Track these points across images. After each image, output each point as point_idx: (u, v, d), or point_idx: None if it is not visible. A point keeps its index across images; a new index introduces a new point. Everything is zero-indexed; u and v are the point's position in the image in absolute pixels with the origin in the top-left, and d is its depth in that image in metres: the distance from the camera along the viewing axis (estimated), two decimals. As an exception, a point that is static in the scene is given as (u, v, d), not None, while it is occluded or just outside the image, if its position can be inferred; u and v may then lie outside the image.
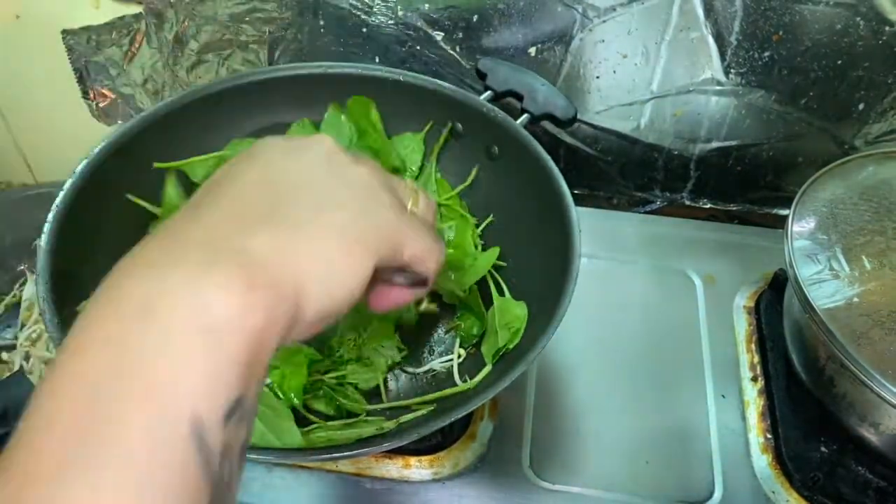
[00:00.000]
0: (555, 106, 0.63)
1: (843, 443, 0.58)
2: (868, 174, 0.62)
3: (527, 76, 0.64)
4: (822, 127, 0.71)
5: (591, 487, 0.57)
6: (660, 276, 0.72)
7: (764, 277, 0.71)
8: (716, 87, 0.69)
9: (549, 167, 0.56)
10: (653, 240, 0.75)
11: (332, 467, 0.57)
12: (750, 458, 0.59)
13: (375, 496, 0.56)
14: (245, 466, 0.28)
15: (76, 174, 0.54)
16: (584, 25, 0.67)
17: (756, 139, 0.73)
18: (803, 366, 0.60)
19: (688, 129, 0.73)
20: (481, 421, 0.59)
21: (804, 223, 0.58)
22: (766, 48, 0.66)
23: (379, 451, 0.53)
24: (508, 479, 0.57)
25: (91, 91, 0.80)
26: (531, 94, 0.63)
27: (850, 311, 0.52)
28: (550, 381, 0.63)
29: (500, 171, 0.62)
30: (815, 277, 0.54)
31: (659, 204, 0.80)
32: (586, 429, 0.60)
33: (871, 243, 0.56)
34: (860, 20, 0.63)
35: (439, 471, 0.56)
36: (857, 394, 0.54)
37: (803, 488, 0.57)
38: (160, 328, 0.25)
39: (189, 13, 0.72)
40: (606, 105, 0.73)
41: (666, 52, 0.68)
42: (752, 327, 0.67)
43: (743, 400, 0.62)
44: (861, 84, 0.67)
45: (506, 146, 0.61)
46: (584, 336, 0.66)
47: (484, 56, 0.68)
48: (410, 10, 0.68)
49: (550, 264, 0.53)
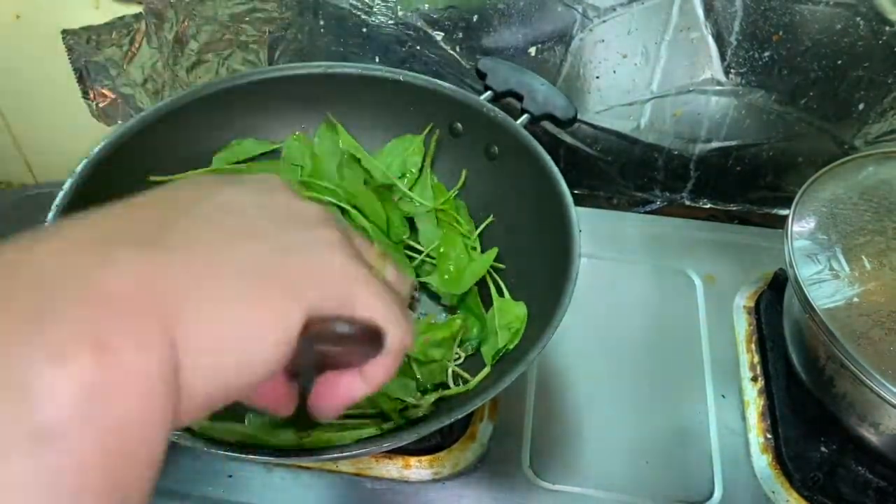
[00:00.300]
0: (555, 106, 0.63)
1: (843, 443, 0.58)
2: (868, 174, 0.62)
3: (527, 76, 0.64)
4: (822, 127, 0.71)
5: (591, 487, 0.57)
6: (660, 276, 0.71)
7: (764, 277, 0.71)
8: (716, 87, 0.69)
9: (549, 167, 0.56)
10: (653, 240, 0.75)
11: (332, 467, 0.57)
12: (750, 458, 0.59)
13: (375, 496, 0.56)
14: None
15: (76, 174, 0.54)
16: (584, 25, 0.67)
17: (756, 139, 0.73)
18: (803, 366, 0.60)
19: (688, 129, 0.73)
20: (481, 421, 0.59)
21: (804, 223, 0.58)
22: (766, 48, 0.66)
23: (379, 451, 0.53)
24: (508, 479, 0.57)
25: (91, 91, 0.80)
26: (531, 94, 0.63)
27: (850, 311, 0.52)
28: (550, 381, 0.63)
29: (500, 172, 0.62)
30: (815, 277, 0.54)
31: (659, 204, 0.80)
32: (586, 429, 0.60)
33: (871, 243, 0.56)
34: (860, 20, 0.63)
35: (439, 471, 0.56)
36: (857, 394, 0.54)
37: (803, 488, 0.56)
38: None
39: (189, 13, 0.72)
40: (606, 105, 0.73)
41: (666, 52, 0.68)
42: (752, 327, 0.67)
43: (743, 400, 0.62)
44: (861, 84, 0.67)
45: (505, 146, 0.61)
46: (584, 336, 0.66)
47: (484, 56, 0.68)
48: (410, 10, 0.68)
49: (550, 264, 0.53)
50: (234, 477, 0.56)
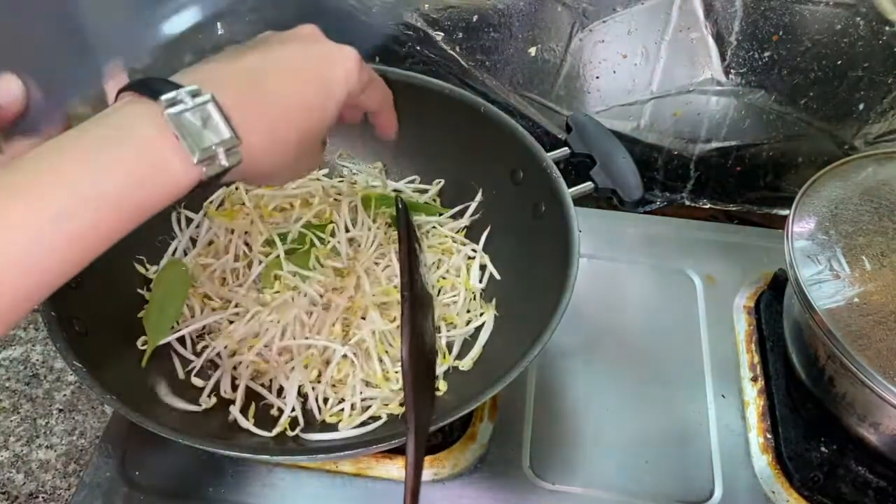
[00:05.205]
0: (623, 184, 0.58)
1: (843, 443, 0.58)
2: (868, 174, 0.62)
3: (610, 143, 0.60)
4: (821, 127, 0.71)
5: (591, 487, 0.57)
6: (660, 276, 0.71)
7: (764, 277, 0.71)
8: (716, 87, 0.69)
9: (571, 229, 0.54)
10: (653, 240, 0.75)
11: (332, 467, 0.57)
12: (750, 458, 0.59)
13: (375, 496, 0.56)
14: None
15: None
16: (584, 25, 0.67)
17: (756, 139, 0.73)
18: (803, 366, 0.60)
19: (688, 130, 0.73)
20: (481, 422, 0.59)
21: (804, 223, 0.58)
22: (766, 48, 0.66)
23: (379, 450, 0.53)
24: (508, 479, 0.57)
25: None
26: (606, 163, 0.59)
27: (851, 312, 0.52)
28: (550, 382, 0.63)
29: (541, 228, 0.59)
30: (816, 278, 0.54)
31: (659, 204, 0.80)
32: (586, 429, 0.60)
33: (871, 244, 0.56)
34: (860, 20, 0.63)
35: (439, 471, 0.56)
36: (857, 394, 0.54)
37: (803, 488, 0.57)
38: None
39: (189, 13, 0.72)
40: (606, 105, 0.73)
41: (666, 53, 0.68)
42: (752, 327, 0.67)
43: (743, 400, 0.62)
44: (861, 84, 0.67)
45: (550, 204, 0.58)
46: (584, 336, 0.66)
47: (573, 112, 0.64)
48: (410, 10, 0.68)
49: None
50: (234, 477, 0.56)
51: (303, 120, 0.38)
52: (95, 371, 0.46)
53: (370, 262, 0.60)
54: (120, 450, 0.57)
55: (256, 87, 0.36)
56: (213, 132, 0.33)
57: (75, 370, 0.46)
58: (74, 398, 0.63)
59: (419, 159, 0.67)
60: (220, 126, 0.33)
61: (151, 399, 0.52)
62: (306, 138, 0.38)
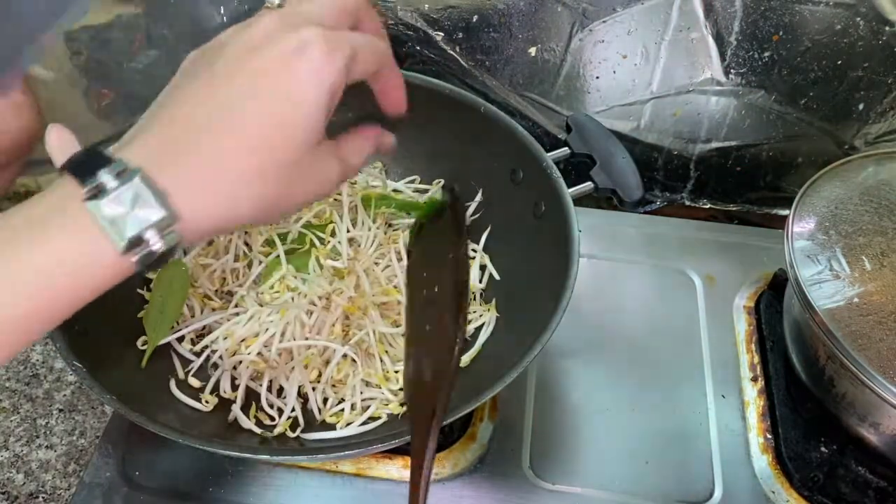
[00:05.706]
0: (623, 184, 0.58)
1: (843, 443, 0.58)
2: (868, 174, 0.62)
3: (610, 143, 0.60)
4: (821, 127, 0.71)
5: (591, 487, 0.57)
6: (660, 276, 0.72)
7: (764, 277, 0.71)
8: (716, 87, 0.69)
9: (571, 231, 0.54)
10: (653, 240, 0.75)
11: (332, 467, 0.57)
12: (750, 458, 0.59)
13: (375, 496, 0.56)
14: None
15: (76, 174, 0.53)
16: (584, 25, 0.67)
17: (756, 139, 0.73)
18: (803, 366, 0.60)
19: (687, 130, 0.73)
20: (481, 421, 0.59)
21: (804, 224, 0.58)
22: (766, 48, 0.66)
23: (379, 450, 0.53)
24: (508, 479, 0.57)
25: (91, 91, 0.80)
26: (606, 164, 0.59)
27: (851, 312, 0.52)
28: (550, 382, 0.63)
29: (541, 228, 0.59)
30: (816, 278, 0.54)
31: (659, 204, 0.80)
32: (586, 429, 0.60)
33: (871, 244, 0.56)
34: (860, 20, 0.63)
35: (439, 471, 0.56)
36: (857, 394, 0.54)
37: (803, 488, 0.57)
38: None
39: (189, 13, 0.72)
40: (606, 105, 0.73)
41: (666, 53, 0.68)
42: (752, 327, 0.67)
43: (743, 400, 0.62)
44: (861, 84, 0.67)
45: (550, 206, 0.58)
46: (584, 336, 0.66)
47: (572, 112, 0.65)
48: (410, 10, 0.68)
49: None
50: (234, 477, 0.56)
51: (266, 149, 0.33)
52: (95, 371, 0.46)
53: (370, 262, 0.60)
54: (120, 450, 0.57)
55: (198, 131, 0.32)
56: (145, 211, 0.30)
57: (75, 370, 0.46)
58: (74, 398, 0.63)
59: (419, 159, 0.67)
60: (150, 203, 0.30)
61: (151, 399, 0.52)
62: (282, 163, 0.33)
